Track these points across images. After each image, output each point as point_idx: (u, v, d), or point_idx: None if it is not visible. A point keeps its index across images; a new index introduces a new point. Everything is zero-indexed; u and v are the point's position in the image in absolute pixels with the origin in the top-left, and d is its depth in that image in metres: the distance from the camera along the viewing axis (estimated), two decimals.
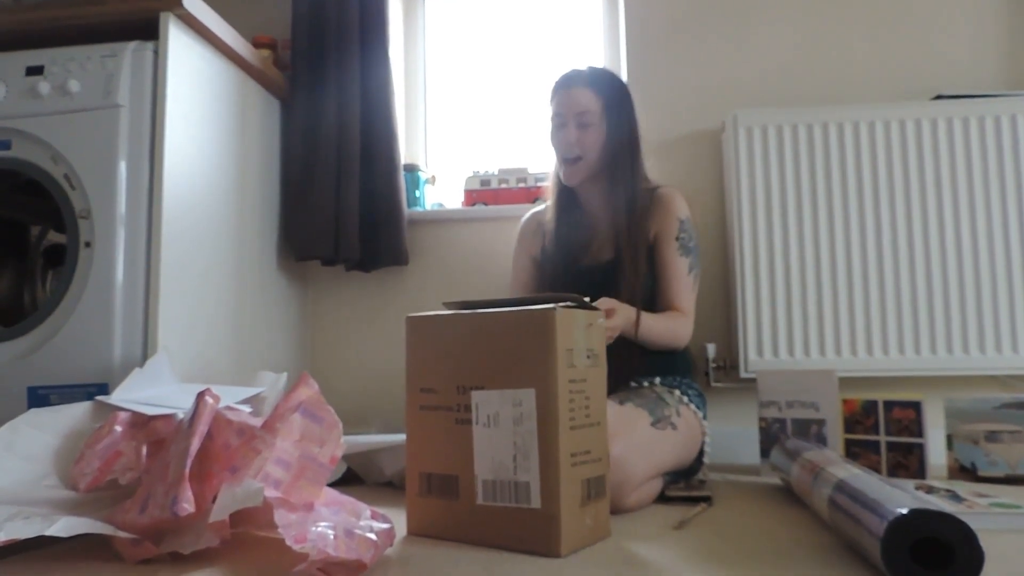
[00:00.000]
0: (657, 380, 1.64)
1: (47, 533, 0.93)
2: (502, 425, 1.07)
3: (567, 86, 1.68)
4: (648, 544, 1.09)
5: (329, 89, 2.16)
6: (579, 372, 1.09)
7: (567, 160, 1.68)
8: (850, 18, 2.20)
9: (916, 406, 1.67)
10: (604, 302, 1.46)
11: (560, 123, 1.68)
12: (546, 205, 1.82)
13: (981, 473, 1.62)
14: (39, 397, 1.55)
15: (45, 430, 1.25)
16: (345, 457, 1.65)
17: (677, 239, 1.66)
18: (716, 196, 2.20)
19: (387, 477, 1.66)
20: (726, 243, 2.16)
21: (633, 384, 1.64)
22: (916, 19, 2.18)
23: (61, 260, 1.63)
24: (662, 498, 1.46)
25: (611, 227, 1.69)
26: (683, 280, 1.65)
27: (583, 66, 1.73)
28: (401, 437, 1.55)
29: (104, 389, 1.51)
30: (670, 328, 1.61)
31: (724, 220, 2.18)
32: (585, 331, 1.12)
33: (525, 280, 1.84)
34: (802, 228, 2.00)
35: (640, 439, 1.38)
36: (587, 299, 1.15)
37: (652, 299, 1.66)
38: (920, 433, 1.66)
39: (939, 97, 2.04)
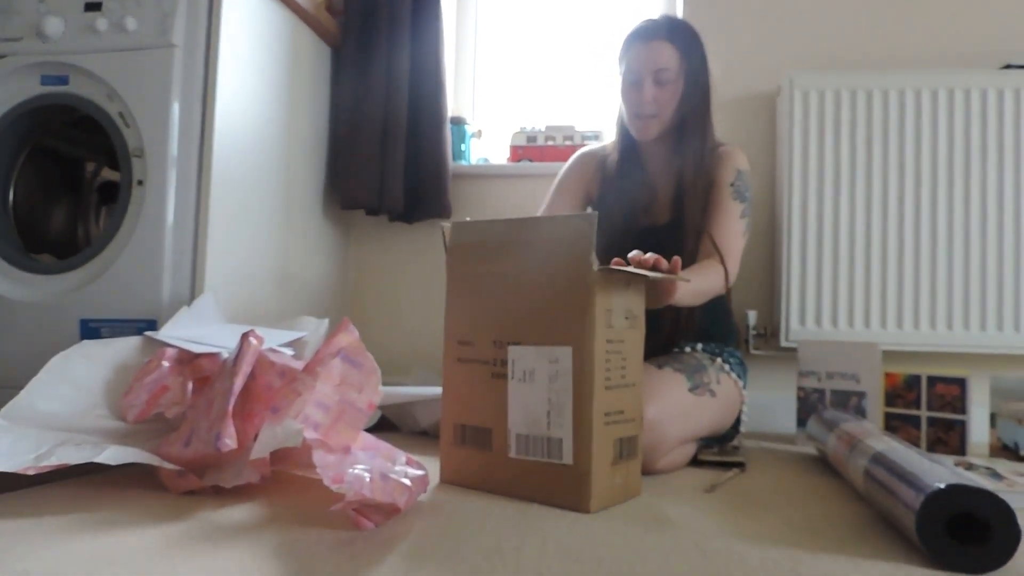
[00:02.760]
0: (699, 347, 1.62)
1: (96, 460, 0.97)
2: (537, 381, 1.08)
3: (645, 39, 1.57)
4: (678, 505, 1.09)
5: (380, 39, 2.15)
6: (617, 333, 1.09)
7: (641, 116, 1.59)
8: None
9: (961, 383, 1.64)
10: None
11: (635, 79, 1.58)
12: (605, 147, 1.75)
13: (1023, 453, 1.59)
14: (90, 330, 1.60)
15: (96, 361, 1.29)
16: (381, 406, 1.67)
17: (732, 185, 1.59)
18: (767, 160, 2.15)
19: (422, 427, 1.68)
20: (774, 209, 2.12)
21: (675, 349, 1.62)
22: None
23: (114, 197, 1.66)
24: (695, 461, 1.47)
25: (672, 188, 1.64)
26: (734, 222, 1.57)
27: (658, 16, 1.62)
28: (437, 390, 1.57)
29: (153, 325, 1.55)
30: (699, 289, 1.45)
31: (774, 186, 2.13)
32: (625, 292, 1.12)
33: (571, 208, 1.75)
34: (854, 197, 1.96)
35: (675, 404, 1.38)
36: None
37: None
38: (963, 410, 1.63)
39: (1008, 66, 1.96)
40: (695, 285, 1.45)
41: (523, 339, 1.10)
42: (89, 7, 1.68)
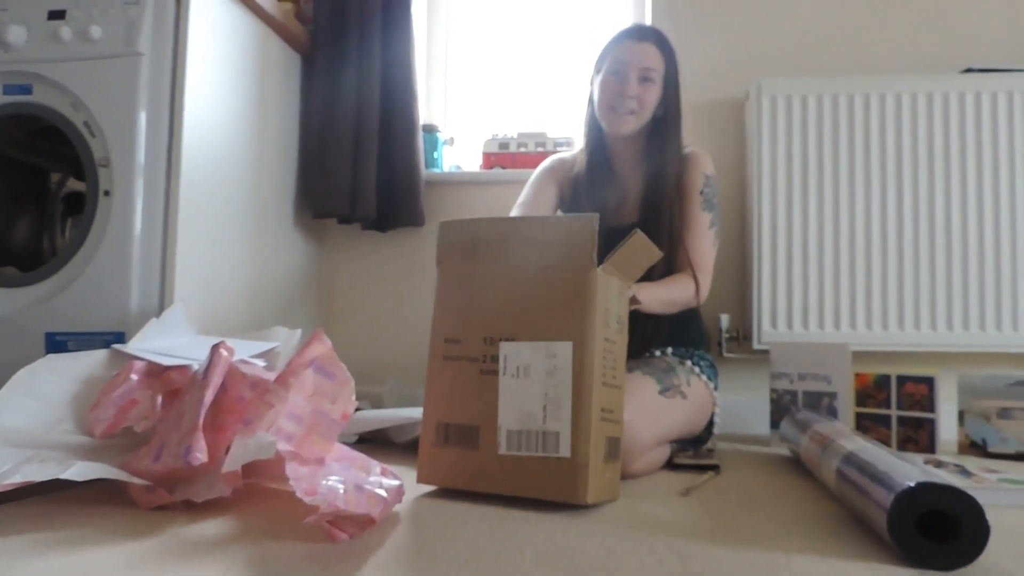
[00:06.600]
0: (669, 350, 1.64)
1: (62, 476, 0.95)
2: (533, 376, 1.08)
3: (636, 38, 1.63)
4: (655, 508, 1.10)
5: (350, 46, 2.14)
6: (611, 333, 1.12)
7: (618, 109, 1.62)
8: None
9: (929, 381, 1.66)
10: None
11: (620, 73, 1.61)
12: (574, 155, 1.77)
13: (991, 449, 1.61)
14: (56, 343, 1.57)
15: (62, 375, 1.26)
16: (356, 432, 1.66)
17: (701, 193, 1.63)
18: (736, 166, 2.18)
19: (396, 443, 1.67)
20: (744, 213, 2.14)
21: (646, 354, 1.64)
22: None
23: (80, 208, 1.63)
24: (670, 465, 1.47)
25: (641, 188, 1.67)
26: (703, 235, 1.61)
27: (646, 23, 1.69)
28: (412, 413, 1.56)
29: (121, 338, 1.53)
30: (668, 298, 1.53)
31: (743, 190, 2.15)
32: (617, 297, 1.15)
33: (546, 207, 1.74)
34: (822, 200, 1.98)
35: (647, 406, 1.39)
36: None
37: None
38: (932, 408, 1.65)
39: (968, 70, 2.00)
40: (663, 294, 1.50)
41: (517, 335, 1.11)
42: (53, 15, 1.65)
